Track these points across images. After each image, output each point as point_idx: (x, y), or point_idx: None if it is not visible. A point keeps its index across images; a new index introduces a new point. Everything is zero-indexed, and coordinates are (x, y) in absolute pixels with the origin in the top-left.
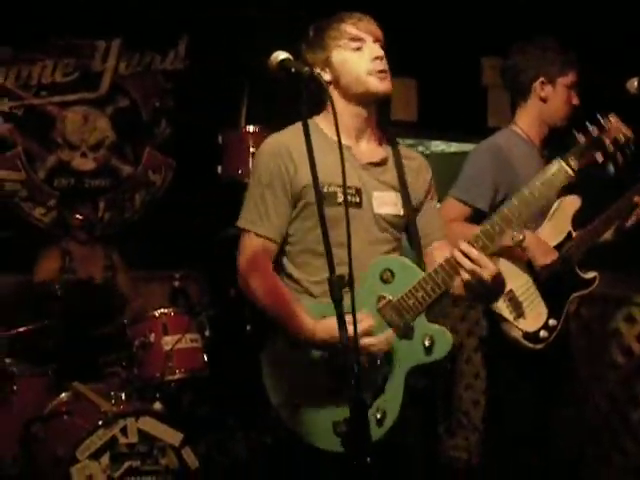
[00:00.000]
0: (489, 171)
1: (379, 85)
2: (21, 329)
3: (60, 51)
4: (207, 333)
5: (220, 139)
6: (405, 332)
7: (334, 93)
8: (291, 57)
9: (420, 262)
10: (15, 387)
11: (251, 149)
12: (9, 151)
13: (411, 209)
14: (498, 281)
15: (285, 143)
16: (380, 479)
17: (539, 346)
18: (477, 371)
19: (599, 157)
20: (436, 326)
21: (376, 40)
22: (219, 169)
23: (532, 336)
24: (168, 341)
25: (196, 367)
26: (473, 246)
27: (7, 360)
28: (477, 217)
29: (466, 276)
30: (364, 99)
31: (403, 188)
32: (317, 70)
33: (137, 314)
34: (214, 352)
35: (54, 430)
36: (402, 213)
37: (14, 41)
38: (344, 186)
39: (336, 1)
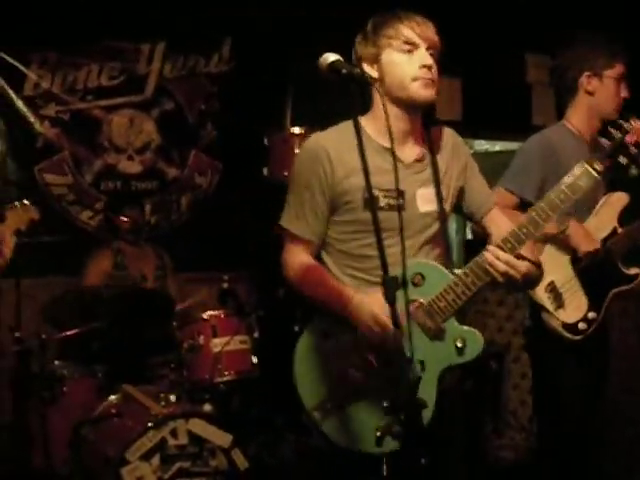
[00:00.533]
0: (537, 163)
1: (421, 92)
2: (70, 332)
3: (105, 55)
4: (256, 335)
5: (265, 141)
6: (437, 334)
7: (377, 89)
8: (341, 59)
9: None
10: (65, 389)
11: (296, 150)
12: (56, 155)
13: (451, 198)
14: (531, 276)
15: (325, 145)
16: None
17: (577, 337)
18: (524, 370)
19: (623, 160)
20: (467, 328)
21: (430, 47)
22: (265, 171)
23: (571, 327)
24: (217, 343)
25: (245, 369)
26: (502, 248)
27: (57, 362)
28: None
29: (499, 278)
30: (405, 103)
31: (439, 183)
32: (365, 65)
33: (185, 316)
34: (263, 353)
35: (104, 432)
36: (441, 208)
37: (59, 46)
38: (397, 189)
39: (384, 2)
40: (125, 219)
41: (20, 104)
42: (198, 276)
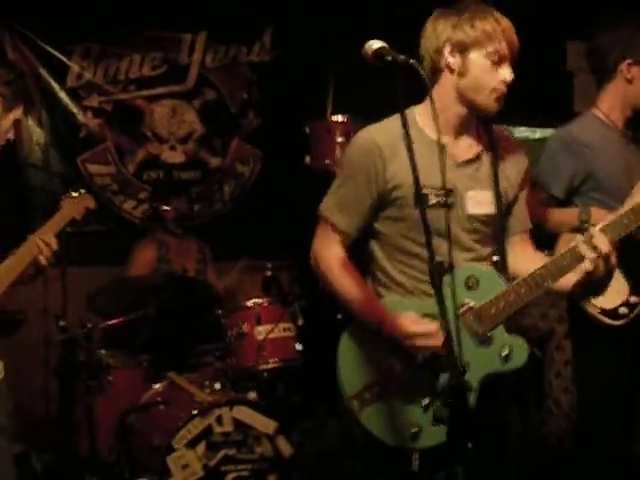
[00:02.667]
0: (562, 158)
1: (493, 105)
2: (116, 320)
3: (147, 45)
4: (300, 322)
5: (307, 129)
6: (483, 340)
7: (449, 79)
8: (386, 45)
9: (502, 253)
10: (111, 378)
11: (338, 139)
12: (99, 146)
13: (503, 205)
14: (610, 273)
15: (378, 141)
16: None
17: (618, 322)
18: (567, 358)
19: None
20: (514, 337)
21: (511, 59)
22: (307, 159)
23: (610, 312)
24: (261, 331)
25: (288, 356)
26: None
27: (102, 351)
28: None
29: (591, 262)
30: (471, 105)
31: (496, 185)
32: (447, 48)
33: (227, 300)
34: (308, 341)
35: (150, 420)
36: (494, 212)
37: (102, 37)
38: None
39: None
40: (169, 209)
41: (63, 95)
42: (241, 265)
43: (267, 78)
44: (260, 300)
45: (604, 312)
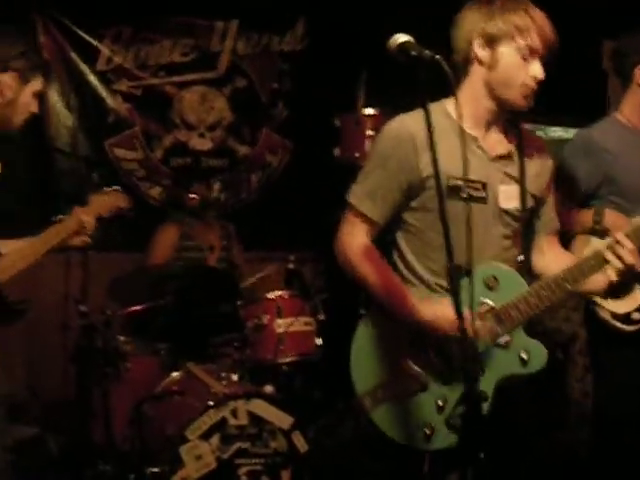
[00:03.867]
0: (580, 162)
1: (522, 101)
2: (135, 308)
3: (178, 31)
4: (321, 317)
5: (337, 122)
6: (502, 341)
7: (479, 72)
8: (412, 40)
9: (528, 252)
10: (128, 365)
11: (368, 132)
12: (127, 130)
13: (531, 205)
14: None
15: (409, 129)
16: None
17: (630, 328)
18: (589, 362)
19: None
20: (533, 340)
21: (544, 55)
22: (336, 151)
23: (622, 317)
24: (281, 324)
25: (307, 351)
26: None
27: (121, 338)
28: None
29: (617, 268)
30: (500, 100)
31: (524, 181)
32: (477, 40)
33: (250, 294)
34: (328, 335)
35: (165, 409)
36: (523, 207)
37: (133, 21)
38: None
39: None
40: (193, 196)
41: (93, 79)
42: (264, 255)
43: (298, 68)
44: (282, 293)
45: (616, 316)
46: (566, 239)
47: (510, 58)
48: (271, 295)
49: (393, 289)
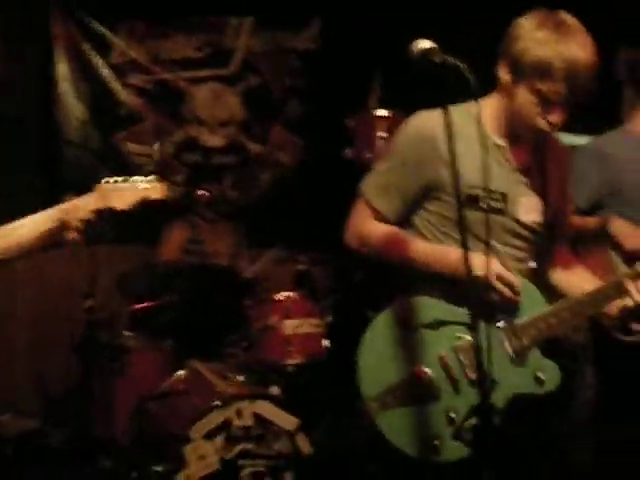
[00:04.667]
0: (587, 170)
1: (539, 134)
2: (143, 305)
3: (192, 27)
4: (329, 319)
5: (350, 122)
6: (519, 359)
7: (501, 92)
8: (434, 46)
9: (542, 261)
10: (132, 360)
11: (380, 134)
12: (139, 124)
13: (549, 215)
14: None
15: (431, 129)
16: None
17: (630, 338)
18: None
19: None
20: (549, 361)
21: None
22: (347, 152)
23: (623, 328)
24: (289, 325)
25: (315, 352)
26: None
27: (126, 333)
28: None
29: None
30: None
31: (546, 194)
32: (503, 62)
33: (254, 288)
34: (335, 337)
35: (169, 407)
36: (542, 220)
37: (147, 16)
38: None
39: None
40: (205, 193)
41: (105, 72)
42: (274, 255)
43: (312, 67)
44: (290, 294)
45: (615, 327)
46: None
47: (526, 99)
48: (280, 296)
49: (432, 252)
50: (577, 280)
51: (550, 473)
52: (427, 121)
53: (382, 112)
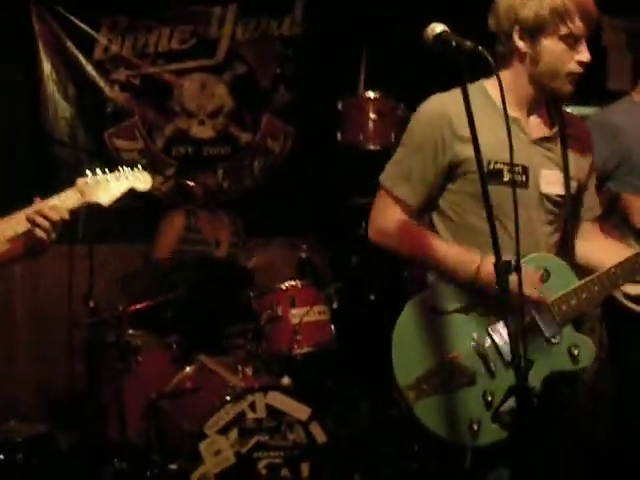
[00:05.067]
0: (595, 142)
1: (568, 89)
2: (146, 303)
3: (176, 18)
4: (335, 305)
5: (339, 106)
6: (552, 335)
7: (520, 64)
8: (448, 29)
9: (571, 238)
10: (140, 359)
11: (371, 115)
12: (127, 120)
13: (572, 188)
14: None
15: (448, 110)
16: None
17: None
18: (600, 340)
19: None
20: (582, 336)
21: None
22: (338, 136)
23: (635, 298)
24: (295, 314)
25: (324, 340)
26: None
27: (130, 331)
28: None
29: None
30: (545, 90)
31: (566, 166)
32: (517, 31)
33: (259, 282)
34: (339, 323)
35: (181, 405)
36: (565, 192)
37: (130, 10)
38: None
39: None
40: (196, 185)
41: (90, 69)
42: (274, 243)
43: (300, 52)
44: (294, 282)
45: (628, 297)
46: None
47: (554, 49)
48: (284, 285)
49: (453, 255)
50: (604, 254)
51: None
52: (440, 102)
53: (371, 94)
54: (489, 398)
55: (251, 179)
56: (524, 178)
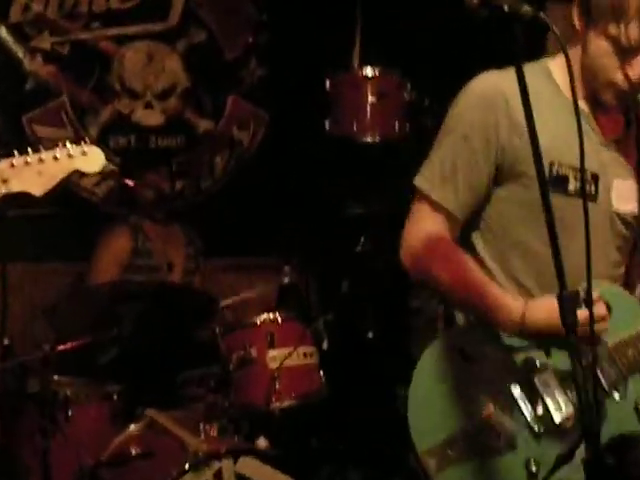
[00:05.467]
0: None
1: (610, 100)
2: (75, 343)
3: None
4: (324, 345)
5: (328, 85)
6: (615, 387)
7: (576, 43)
8: None
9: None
10: (70, 414)
11: (370, 98)
12: (52, 101)
13: None
14: None
15: (505, 90)
16: None
17: None
18: None
19: None
20: None
21: None
22: (327, 124)
23: None
24: (274, 356)
25: (310, 391)
26: None
27: (56, 378)
28: None
29: None
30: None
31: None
32: (577, 6)
33: (231, 319)
34: (329, 369)
35: (126, 475)
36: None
37: None
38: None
39: None
40: (140, 186)
41: (4, 33)
42: (248, 263)
43: (277, 16)
44: (273, 315)
45: None
46: None
47: (599, 45)
48: (260, 319)
49: (478, 287)
50: None
51: None
52: (493, 83)
53: (368, 71)
54: (533, 468)
55: (212, 179)
56: (593, 189)
